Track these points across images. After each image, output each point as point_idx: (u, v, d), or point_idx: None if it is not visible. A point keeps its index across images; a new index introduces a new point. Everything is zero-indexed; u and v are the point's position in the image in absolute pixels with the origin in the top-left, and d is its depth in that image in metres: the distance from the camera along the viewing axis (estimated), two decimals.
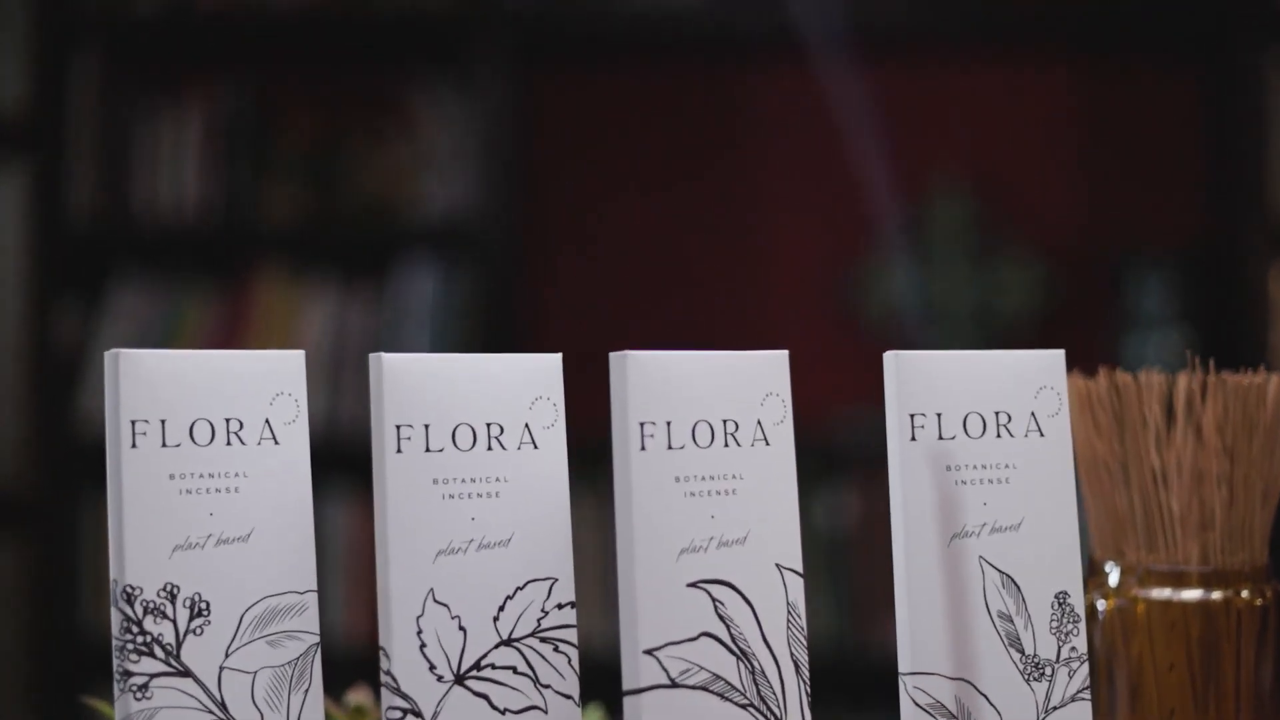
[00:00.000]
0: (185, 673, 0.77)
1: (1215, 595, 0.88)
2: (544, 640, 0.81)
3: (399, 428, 0.79)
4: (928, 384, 0.82)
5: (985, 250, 2.96)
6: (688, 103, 3.03)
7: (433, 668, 0.78)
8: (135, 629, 0.76)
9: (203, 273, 2.88)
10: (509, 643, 0.80)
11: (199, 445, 0.79)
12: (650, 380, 0.79)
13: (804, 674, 0.80)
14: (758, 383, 0.82)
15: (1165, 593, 0.89)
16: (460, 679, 0.79)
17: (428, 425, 0.80)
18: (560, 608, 0.81)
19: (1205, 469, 0.88)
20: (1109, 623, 0.90)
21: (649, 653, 0.77)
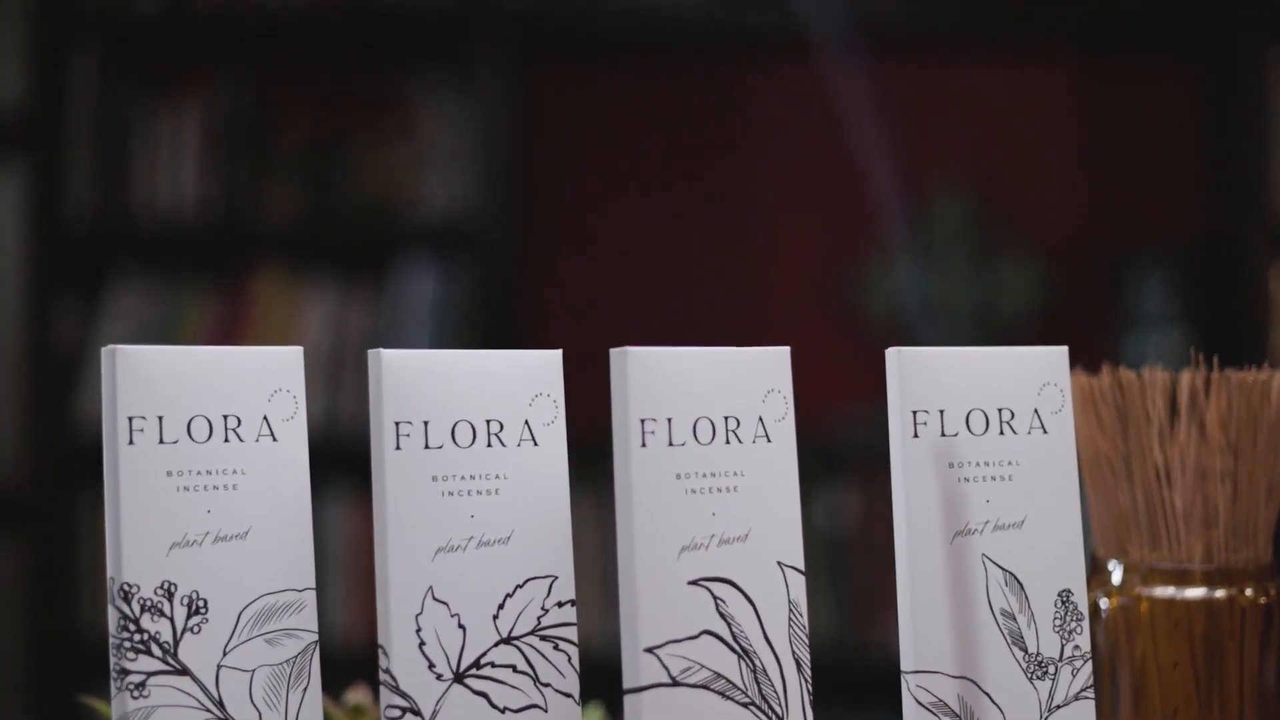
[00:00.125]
0: (183, 671, 0.77)
1: (1219, 593, 0.88)
2: (544, 638, 0.80)
3: (398, 424, 0.79)
4: (930, 381, 0.82)
5: (986, 249, 2.95)
6: (688, 102, 3.02)
7: (432, 666, 0.78)
8: (132, 627, 0.76)
9: (202, 272, 2.87)
10: (509, 641, 0.79)
11: (196, 442, 0.78)
12: (651, 376, 0.79)
13: (806, 672, 0.80)
14: (759, 379, 0.81)
15: (1169, 591, 0.88)
16: (460, 677, 0.78)
17: (427, 422, 0.79)
18: (560, 606, 0.81)
19: (1209, 465, 0.87)
20: (1112, 621, 0.89)
21: (649, 651, 0.77)
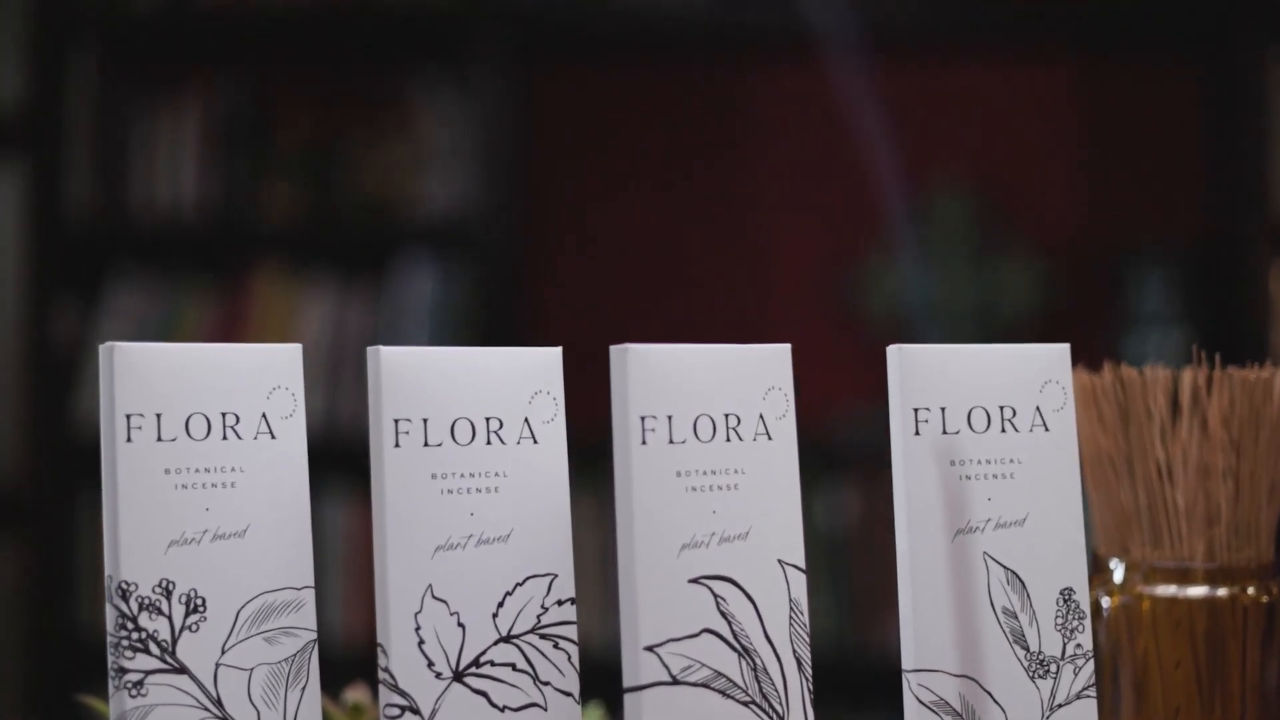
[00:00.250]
0: (181, 669, 0.76)
1: (1221, 592, 0.87)
2: (543, 637, 0.80)
3: (397, 422, 0.78)
4: (932, 378, 0.82)
5: (986, 249, 2.95)
6: (688, 102, 3.02)
7: (431, 664, 0.77)
8: (130, 625, 0.76)
9: (201, 271, 2.87)
10: (508, 639, 0.79)
11: (194, 440, 0.78)
12: (651, 374, 0.78)
13: (806, 671, 0.80)
14: (760, 376, 0.81)
15: (1170, 589, 0.88)
16: (459, 676, 0.78)
17: (426, 419, 0.79)
18: (560, 604, 0.80)
19: (1211, 463, 0.87)
20: (1114, 620, 0.89)
21: (650, 649, 0.76)
